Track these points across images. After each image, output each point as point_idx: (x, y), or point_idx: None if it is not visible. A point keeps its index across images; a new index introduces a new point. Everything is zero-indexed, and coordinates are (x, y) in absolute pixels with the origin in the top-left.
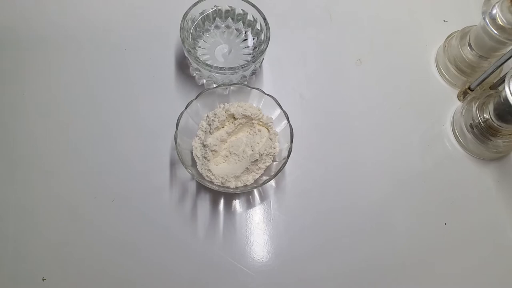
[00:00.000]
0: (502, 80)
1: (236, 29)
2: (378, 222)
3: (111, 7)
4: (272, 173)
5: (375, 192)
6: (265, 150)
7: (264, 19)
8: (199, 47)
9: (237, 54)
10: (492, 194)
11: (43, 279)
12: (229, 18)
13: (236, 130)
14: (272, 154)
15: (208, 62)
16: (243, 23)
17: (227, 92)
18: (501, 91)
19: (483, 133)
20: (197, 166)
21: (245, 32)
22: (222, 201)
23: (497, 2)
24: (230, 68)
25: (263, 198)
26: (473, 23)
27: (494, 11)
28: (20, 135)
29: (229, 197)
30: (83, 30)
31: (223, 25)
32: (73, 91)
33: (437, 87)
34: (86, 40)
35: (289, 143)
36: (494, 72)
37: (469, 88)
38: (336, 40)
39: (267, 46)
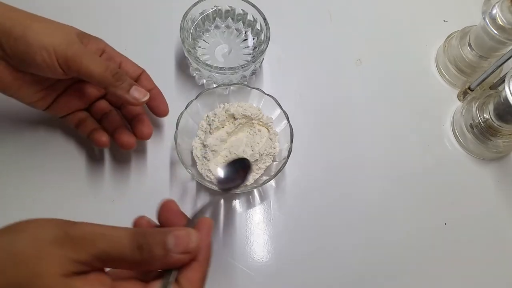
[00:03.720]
0: (502, 80)
1: (236, 29)
2: (378, 222)
3: (111, 7)
4: (272, 173)
5: (375, 192)
6: (265, 150)
7: (264, 19)
8: (199, 47)
9: (237, 54)
10: (492, 194)
11: None
12: (229, 18)
13: (236, 130)
14: (272, 154)
15: (208, 62)
16: (243, 23)
17: (227, 92)
18: (501, 91)
19: (483, 133)
20: (197, 166)
21: (245, 32)
22: (222, 201)
23: (497, 2)
24: (230, 68)
25: (263, 198)
26: (473, 23)
27: (494, 11)
28: (19, 134)
29: (229, 197)
30: (83, 30)
31: (223, 25)
32: None
33: (437, 87)
34: None
35: (289, 143)
36: (494, 72)
37: (469, 88)
38: (336, 40)
39: (267, 46)
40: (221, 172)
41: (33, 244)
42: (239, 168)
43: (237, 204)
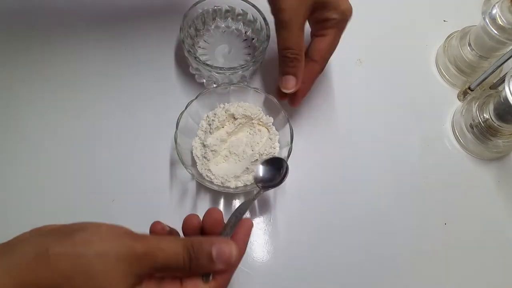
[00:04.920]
0: (502, 80)
1: (236, 29)
2: (378, 222)
3: (111, 8)
4: None
5: (375, 192)
6: (265, 150)
7: (264, 19)
8: (199, 47)
9: (237, 54)
10: (492, 194)
11: None
12: (229, 18)
13: (236, 130)
14: (272, 154)
15: (208, 62)
16: (243, 23)
17: (227, 92)
18: (501, 91)
19: (483, 133)
20: (197, 166)
21: (245, 32)
22: (222, 201)
23: (497, 2)
24: (230, 68)
25: (263, 198)
26: (473, 23)
27: (494, 11)
28: (20, 135)
29: (229, 197)
30: (83, 30)
31: (223, 25)
32: (72, 91)
33: (437, 87)
34: (86, 41)
35: (289, 143)
36: (494, 72)
37: (469, 88)
38: None
39: (267, 46)
40: (261, 172)
41: (101, 260)
42: (278, 168)
43: (237, 204)
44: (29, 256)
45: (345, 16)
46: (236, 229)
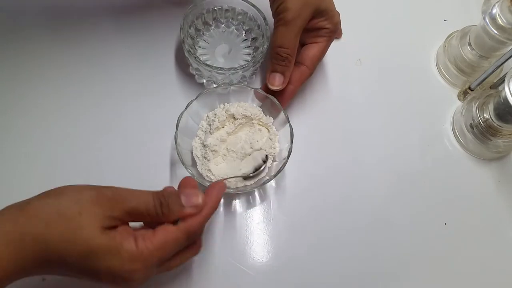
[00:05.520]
0: (502, 80)
1: (236, 29)
2: (378, 222)
3: (110, 8)
4: (272, 173)
5: (375, 192)
6: (265, 150)
7: (264, 19)
8: (199, 47)
9: (237, 54)
10: (492, 194)
11: (43, 279)
12: (229, 18)
13: (236, 130)
14: (272, 154)
15: (208, 62)
16: (243, 23)
17: (227, 92)
18: (501, 91)
19: (483, 133)
20: (197, 166)
21: (245, 32)
22: (222, 201)
23: (497, 2)
24: (230, 69)
25: (263, 198)
26: (473, 23)
27: (494, 11)
28: (20, 133)
29: (229, 197)
30: (82, 30)
31: (223, 25)
32: (72, 91)
33: (437, 87)
34: (85, 40)
35: (289, 143)
36: (494, 72)
37: (469, 88)
38: (336, 40)
39: (267, 46)
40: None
41: (75, 203)
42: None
43: (237, 204)
44: (13, 212)
45: (336, 28)
46: (208, 187)
